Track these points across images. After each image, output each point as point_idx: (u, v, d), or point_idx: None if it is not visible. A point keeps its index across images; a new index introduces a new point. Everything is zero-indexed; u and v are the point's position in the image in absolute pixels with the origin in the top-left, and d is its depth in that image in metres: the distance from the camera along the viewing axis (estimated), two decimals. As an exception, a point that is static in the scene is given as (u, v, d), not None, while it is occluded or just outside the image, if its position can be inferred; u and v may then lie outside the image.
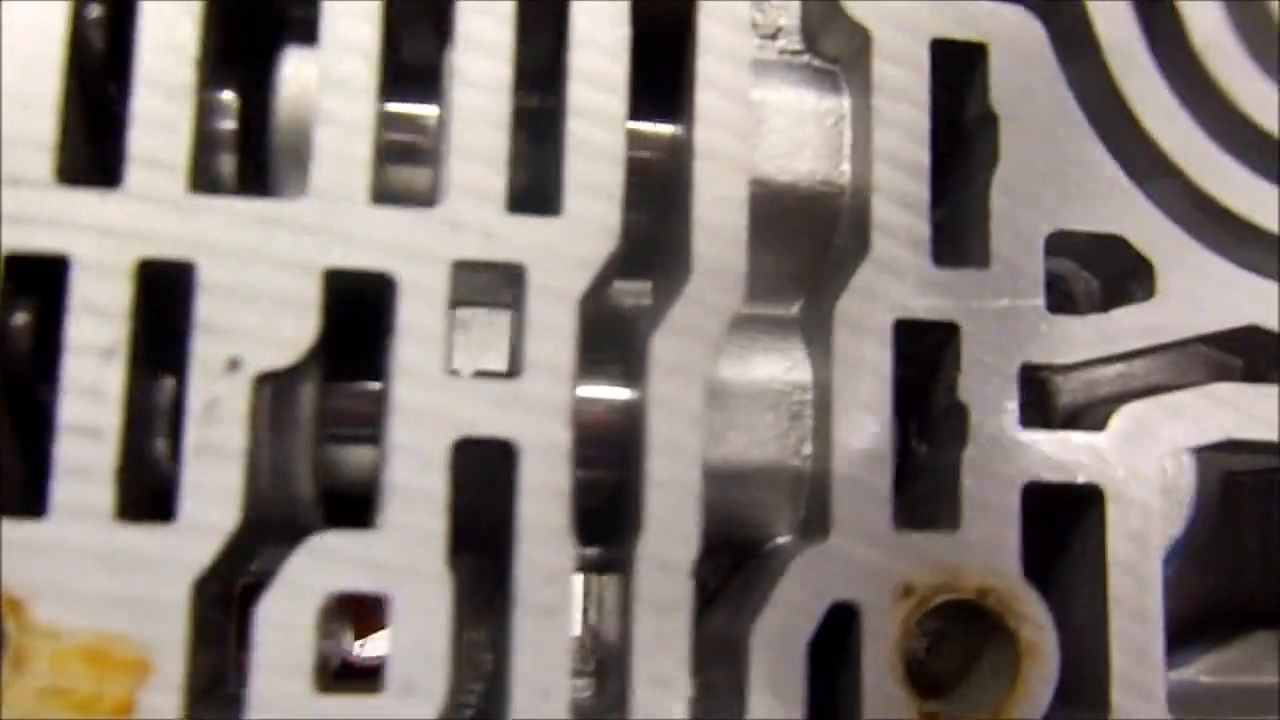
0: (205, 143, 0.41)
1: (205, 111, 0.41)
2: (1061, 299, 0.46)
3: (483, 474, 0.39)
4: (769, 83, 0.43)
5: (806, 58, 0.44)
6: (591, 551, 0.42)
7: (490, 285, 0.41)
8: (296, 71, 0.41)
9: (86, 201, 0.37)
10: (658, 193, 0.42)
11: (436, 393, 0.38)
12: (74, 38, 0.38)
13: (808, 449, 0.41)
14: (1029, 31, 0.42)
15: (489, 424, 0.38)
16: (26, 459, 0.38)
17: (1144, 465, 0.41)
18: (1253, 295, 0.43)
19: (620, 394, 0.42)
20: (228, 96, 0.42)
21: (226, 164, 0.42)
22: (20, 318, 0.38)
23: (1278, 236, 0.42)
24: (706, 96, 0.40)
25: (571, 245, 0.39)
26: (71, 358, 0.37)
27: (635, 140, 0.43)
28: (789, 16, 0.44)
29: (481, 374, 0.39)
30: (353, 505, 0.41)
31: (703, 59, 0.40)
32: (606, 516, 0.41)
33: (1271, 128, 0.43)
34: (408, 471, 0.37)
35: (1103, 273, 0.45)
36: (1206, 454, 0.57)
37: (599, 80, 0.40)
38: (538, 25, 0.40)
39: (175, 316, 0.38)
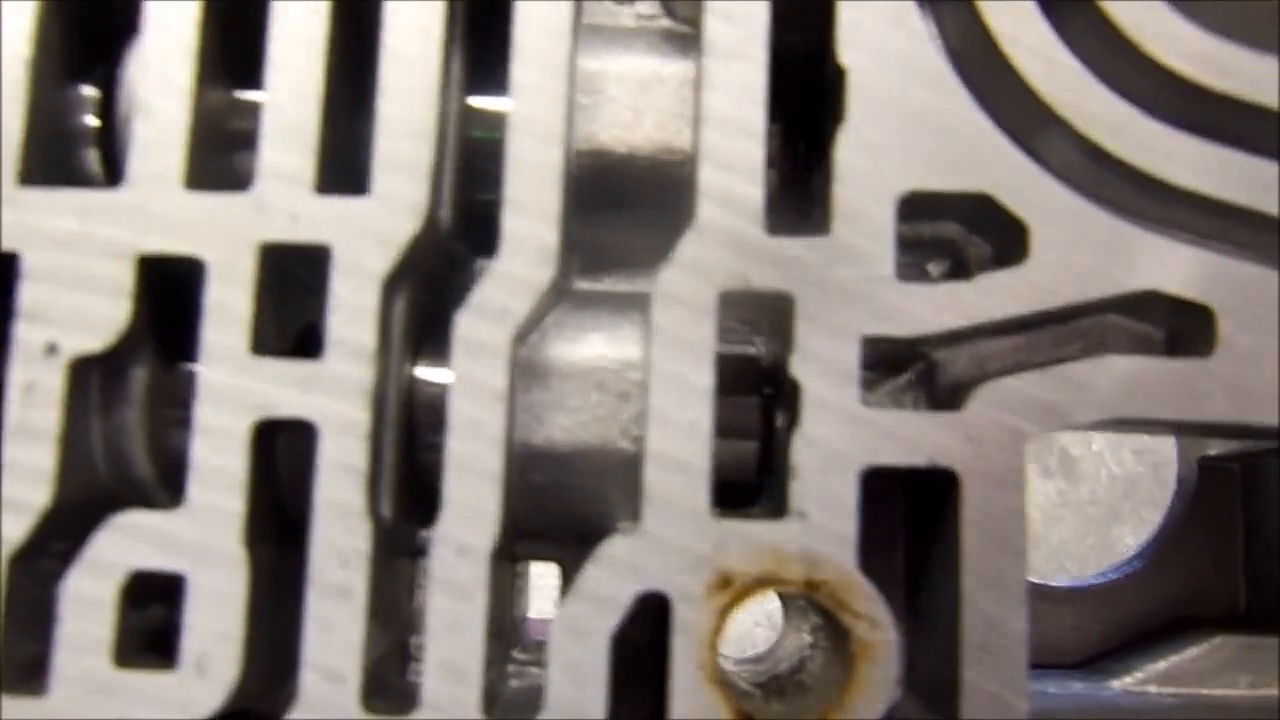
0: (67, 137, 0.42)
1: (67, 106, 0.42)
2: (953, 266, 0.41)
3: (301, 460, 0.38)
4: (611, 51, 0.40)
5: (665, 22, 0.42)
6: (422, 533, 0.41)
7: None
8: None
9: (-81, 198, 0.39)
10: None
11: (240, 374, 0.38)
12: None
13: (637, 431, 0.39)
14: (882, -17, 0.38)
15: (290, 405, 0.37)
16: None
17: (1002, 448, 0.37)
18: (1149, 256, 0.37)
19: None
20: (90, 91, 0.43)
21: (92, 159, 0.43)
22: None
23: (1190, 191, 0.37)
24: (521, 71, 0.38)
25: (376, 224, 0.38)
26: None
27: (479, 120, 0.42)
28: (649, -14, 0.42)
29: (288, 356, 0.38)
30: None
31: (518, 31, 0.38)
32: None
33: (1180, 67, 0.37)
34: (209, 452, 0.37)
35: (993, 237, 0.40)
36: (1183, 450, 0.52)
37: (409, 57, 0.38)
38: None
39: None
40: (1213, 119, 0.37)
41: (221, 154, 0.40)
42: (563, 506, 0.39)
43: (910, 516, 0.43)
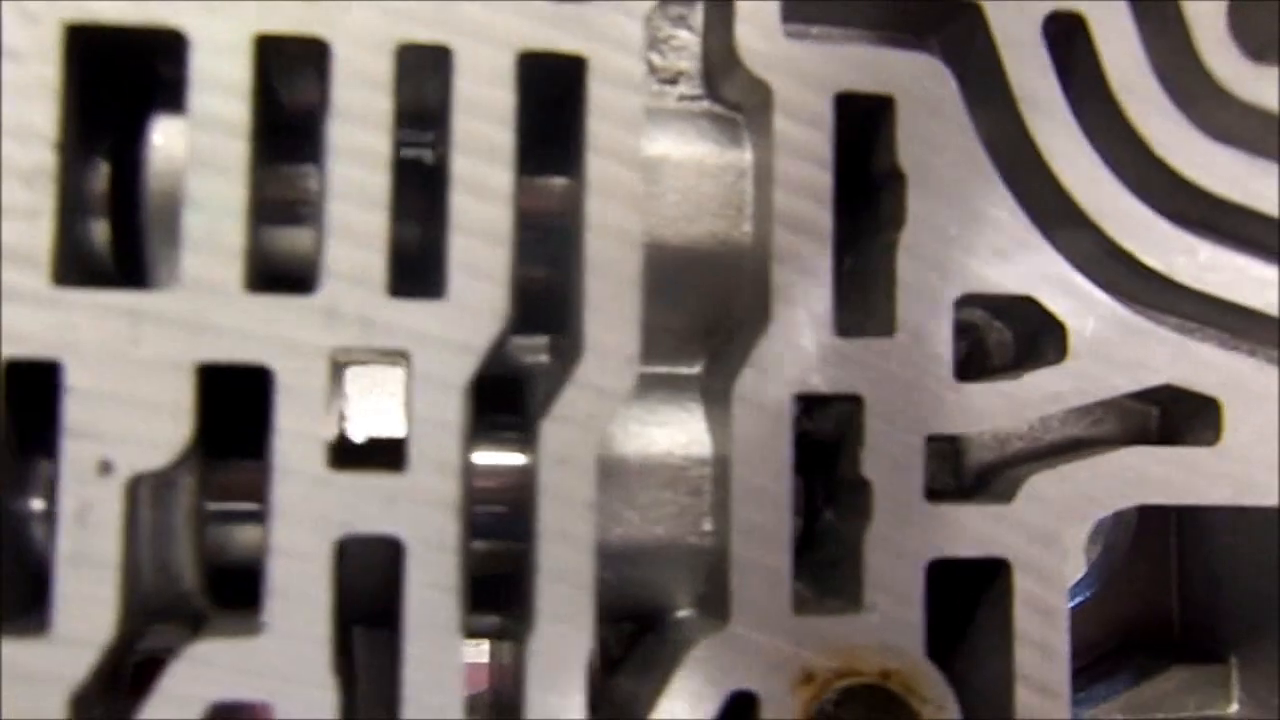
0: (73, 206, 0.38)
1: (73, 172, 0.38)
2: (973, 349, 0.43)
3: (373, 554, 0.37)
4: (666, 135, 0.40)
5: (706, 104, 0.41)
6: (493, 619, 0.41)
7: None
8: (167, 141, 0.38)
9: (-58, 300, 0.35)
10: (551, 245, 0.40)
11: (318, 490, 0.36)
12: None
13: (708, 525, 0.40)
14: (938, 82, 0.39)
15: (373, 521, 0.36)
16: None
17: (1050, 537, 0.39)
18: (1169, 352, 0.40)
19: (515, 459, 0.40)
20: (96, 157, 0.39)
21: (99, 230, 0.39)
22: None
23: (1194, 290, 0.40)
24: (598, 163, 0.37)
25: (456, 330, 0.36)
26: (-66, 467, 0.35)
27: (526, 190, 0.41)
28: (689, 60, 0.41)
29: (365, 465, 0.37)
30: (239, 581, 0.40)
31: (593, 125, 0.37)
32: (504, 582, 0.40)
33: (1187, 172, 0.40)
34: (289, 575, 0.35)
35: (1016, 325, 0.43)
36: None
37: (482, 148, 0.37)
38: (414, 84, 0.37)
39: (43, 409, 0.37)
40: (1222, 223, 0.41)
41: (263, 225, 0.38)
42: (626, 599, 0.40)
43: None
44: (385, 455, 0.38)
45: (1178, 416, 0.42)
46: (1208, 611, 0.47)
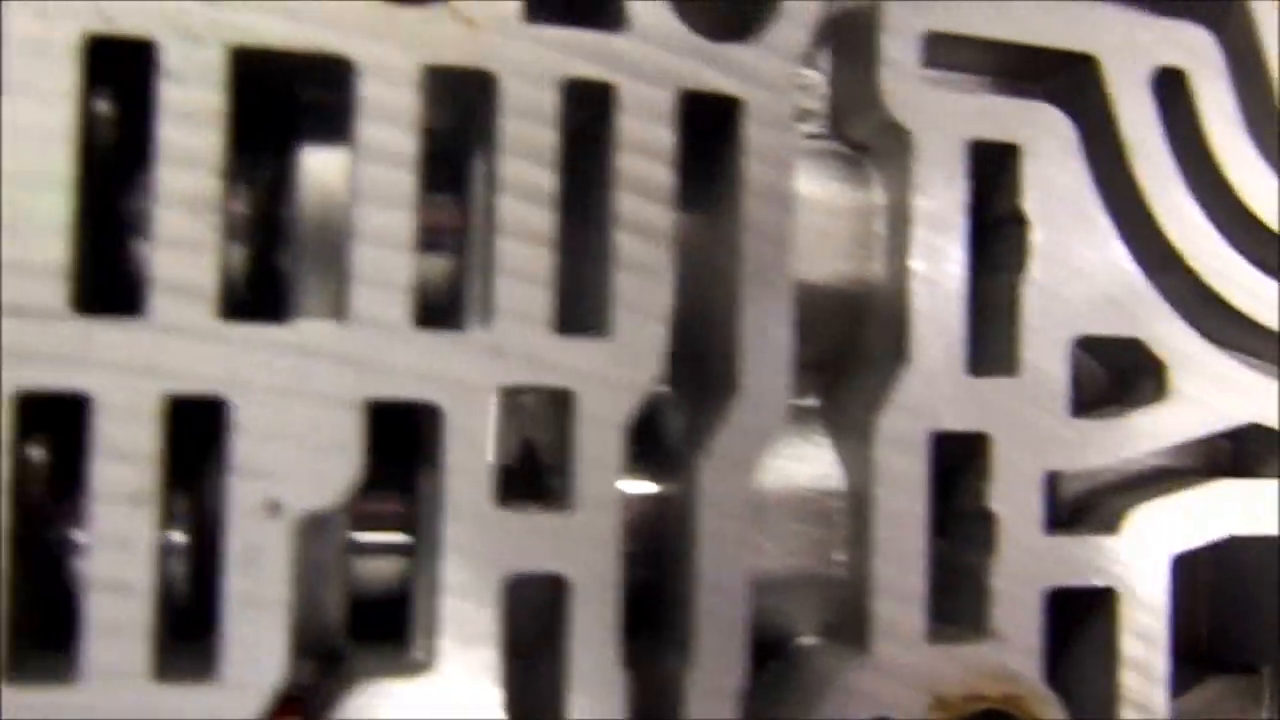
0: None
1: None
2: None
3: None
4: (799, 174, 0.40)
5: (832, 143, 0.42)
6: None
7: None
8: (320, 167, 0.37)
9: (107, 333, 0.33)
10: (684, 281, 0.40)
11: (486, 529, 0.35)
12: (82, 140, 0.33)
13: (839, 556, 0.40)
14: (1060, 131, 0.40)
15: (540, 559, 0.36)
16: (45, 610, 0.35)
17: (1154, 566, 0.41)
18: (1254, 393, 0.43)
19: (647, 487, 0.40)
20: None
21: (235, 254, 0.38)
22: (35, 459, 0.34)
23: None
24: (752, 206, 0.38)
25: (620, 369, 0.36)
26: (98, 506, 0.33)
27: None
28: (815, 99, 0.42)
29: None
30: (377, 611, 0.39)
31: (746, 165, 0.38)
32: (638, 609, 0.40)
33: (1272, 222, 0.42)
34: (459, 613, 0.35)
35: (1107, 359, 0.44)
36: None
37: (645, 187, 0.37)
38: (572, 118, 0.37)
39: (204, 447, 0.35)
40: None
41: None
42: (756, 627, 0.40)
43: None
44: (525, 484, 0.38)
45: (1250, 450, 0.45)
46: (1237, 622, 0.50)
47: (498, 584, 0.35)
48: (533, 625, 0.37)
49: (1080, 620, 0.42)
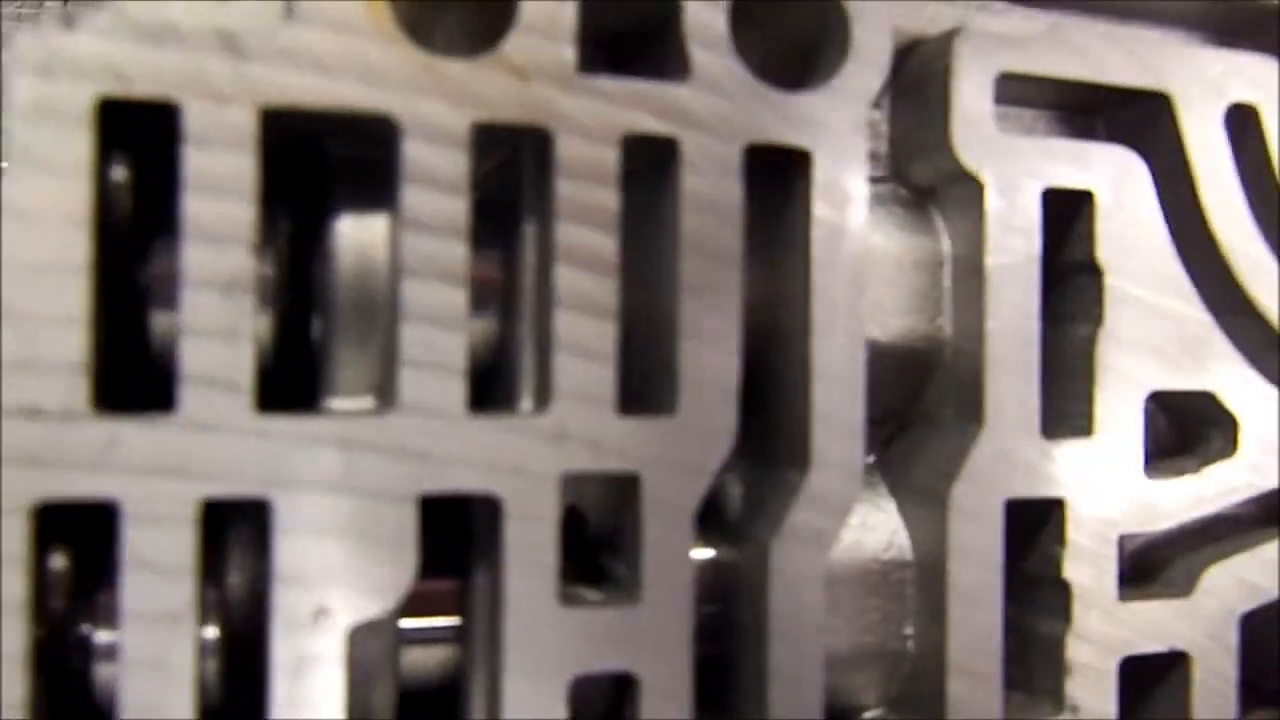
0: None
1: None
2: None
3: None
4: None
5: (892, 186, 0.39)
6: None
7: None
8: (355, 229, 0.34)
9: (133, 433, 0.29)
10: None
11: (549, 629, 0.32)
12: (98, 221, 0.30)
13: (908, 629, 0.38)
14: (1135, 175, 0.38)
15: (608, 659, 0.33)
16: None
17: (1225, 628, 0.39)
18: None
19: (704, 553, 0.37)
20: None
21: (260, 322, 0.34)
22: (56, 568, 0.30)
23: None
24: (821, 279, 0.34)
25: (687, 450, 0.33)
26: (130, 625, 0.29)
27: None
28: (876, 140, 0.39)
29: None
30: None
31: (818, 209, 0.34)
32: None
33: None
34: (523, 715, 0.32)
35: (1179, 412, 0.42)
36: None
37: (711, 250, 0.34)
38: (631, 174, 0.34)
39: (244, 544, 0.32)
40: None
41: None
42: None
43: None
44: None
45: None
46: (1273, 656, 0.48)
47: (563, 687, 0.32)
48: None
49: (1150, 684, 0.40)
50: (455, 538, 0.35)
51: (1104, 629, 0.38)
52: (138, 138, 0.31)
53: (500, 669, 0.32)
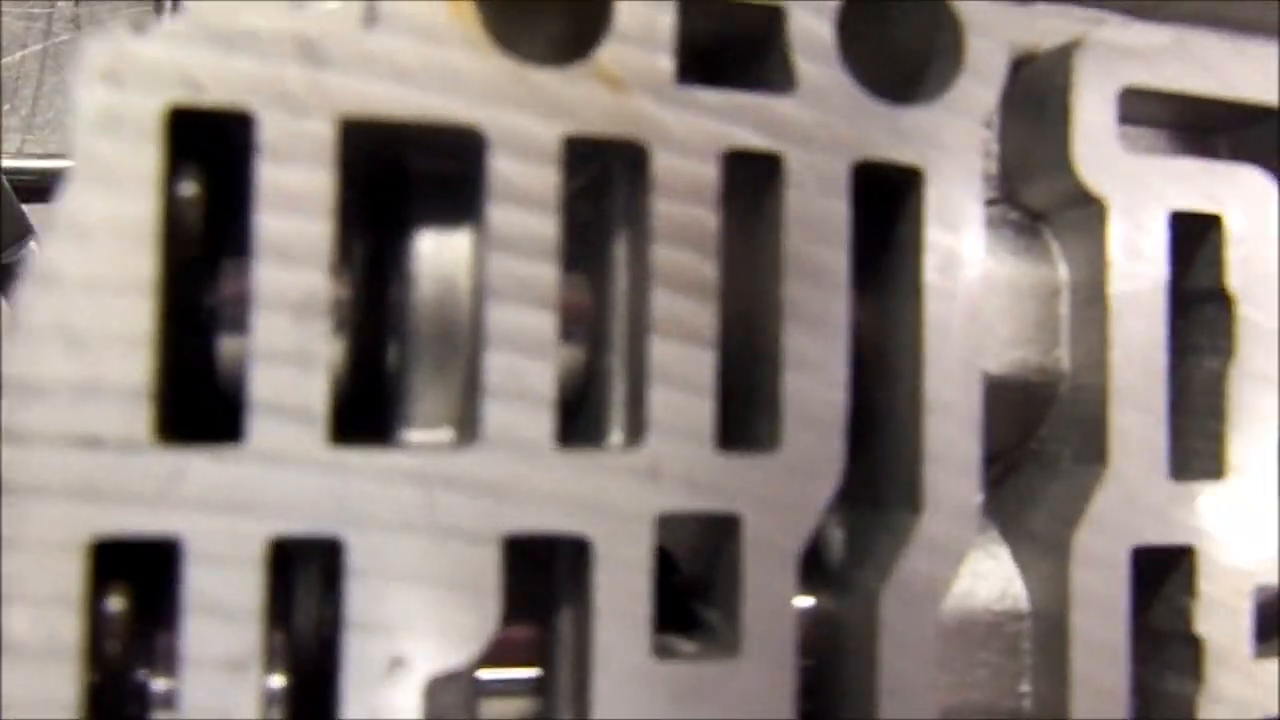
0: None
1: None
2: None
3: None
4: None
5: (1003, 208, 0.36)
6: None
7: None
8: (436, 250, 0.31)
9: (199, 467, 0.27)
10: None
11: (640, 683, 0.29)
12: (167, 236, 0.27)
13: (1025, 687, 0.34)
14: (1266, 197, 0.34)
15: (704, 717, 0.30)
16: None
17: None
18: None
19: (804, 602, 0.34)
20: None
21: (337, 348, 0.31)
22: (114, 610, 0.27)
23: None
24: (936, 283, 0.31)
25: (790, 490, 0.30)
26: (191, 672, 0.26)
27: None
28: (986, 161, 0.35)
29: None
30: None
31: (932, 233, 0.31)
32: None
33: None
34: (612, 779, 0.29)
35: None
36: None
37: (818, 270, 0.30)
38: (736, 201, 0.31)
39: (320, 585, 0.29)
40: None
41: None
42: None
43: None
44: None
45: None
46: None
47: (659, 742, 0.29)
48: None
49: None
50: (537, 580, 0.31)
51: (1240, 689, 0.34)
52: (209, 150, 0.28)
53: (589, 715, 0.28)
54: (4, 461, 0.25)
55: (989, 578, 0.34)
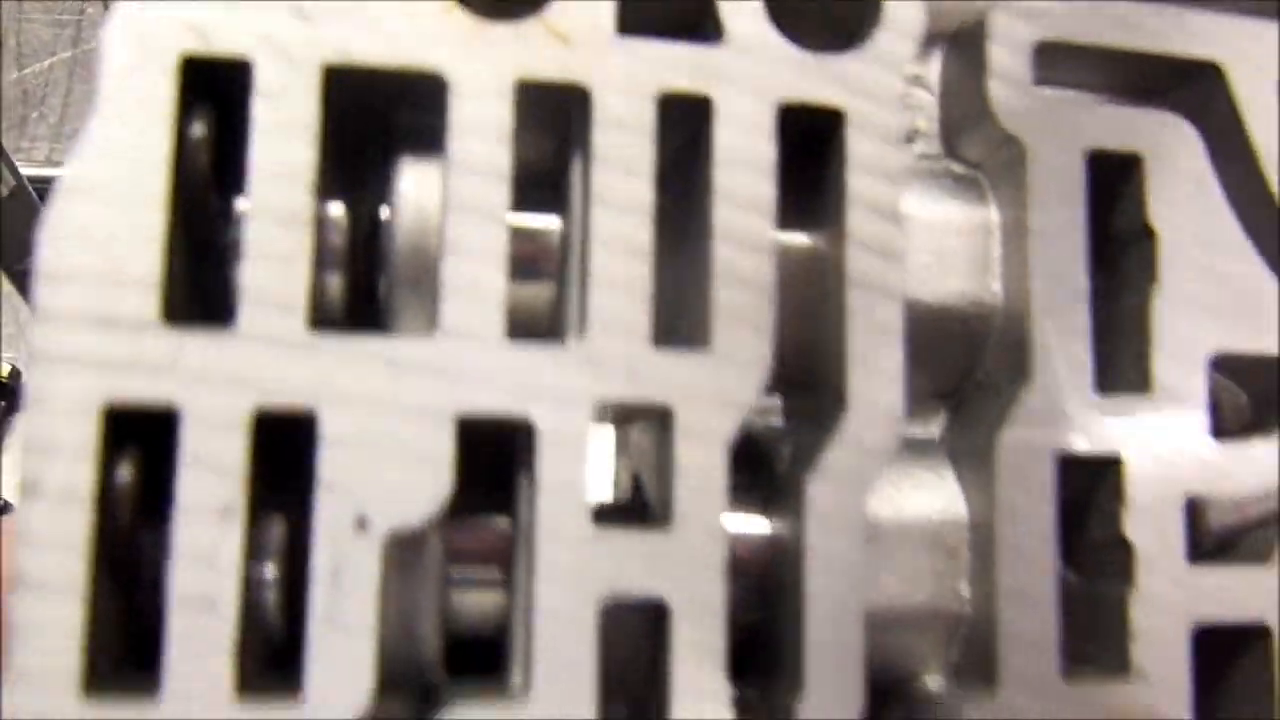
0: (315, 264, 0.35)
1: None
2: (1210, 412, 0.40)
3: (627, 624, 0.33)
4: (910, 193, 0.37)
5: (945, 163, 0.39)
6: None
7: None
8: (414, 185, 0.35)
9: (197, 345, 0.31)
10: (794, 304, 0.36)
11: (583, 550, 0.32)
12: (178, 162, 0.32)
13: (965, 590, 0.36)
14: (1184, 140, 0.36)
15: (639, 582, 0.32)
16: (134, 626, 0.32)
17: (1310, 601, 0.36)
18: None
19: (758, 524, 0.36)
20: (333, 206, 0.36)
21: (334, 284, 0.36)
22: (125, 472, 0.32)
23: None
24: (857, 217, 0.34)
25: (720, 383, 0.33)
26: (183, 519, 0.30)
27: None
28: (926, 119, 0.39)
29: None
30: (472, 648, 0.36)
31: (852, 177, 0.34)
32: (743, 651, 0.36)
33: None
34: (555, 639, 0.32)
35: (1252, 387, 0.40)
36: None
37: (745, 199, 0.34)
38: (672, 127, 0.34)
39: (290, 461, 0.33)
40: None
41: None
42: (875, 666, 0.36)
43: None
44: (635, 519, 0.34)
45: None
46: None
47: (594, 608, 0.31)
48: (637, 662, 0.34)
49: (1230, 659, 0.37)
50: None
51: (1171, 594, 0.35)
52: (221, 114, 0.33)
53: (533, 591, 0.31)
54: (36, 336, 0.30)
55: (934, 492, 0.36)
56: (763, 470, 0.36)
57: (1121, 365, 0.36)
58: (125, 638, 0.32)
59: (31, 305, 0.31)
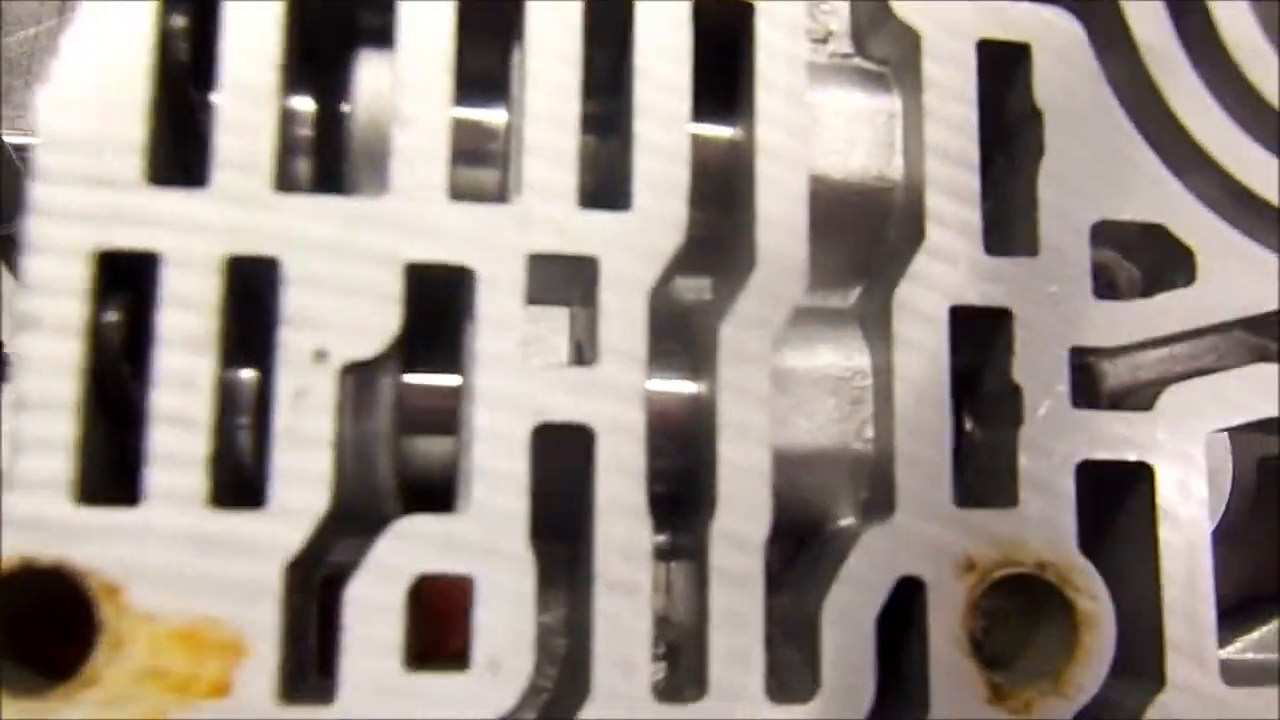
0: (283, 147, 0.39)
1: (282, 117, 0.39)
2: (1105, 288, 0.44)
3: (558, 461, 0.37)
4: (822, 85, 0.40)
5: (856, 60, 0.42)
6: (660, 538, 0.40)
7: (552, 284, 0.39)
8: (372, 76, 0.39)
9: (175, 201, 0.35)
10: (717, 193, 0.40)
11: (516, 380, 0.36)
12: (161, 46, 0.36)
13: (869, 433, 0.39)
14: (1069, 32, 0.40)
15: (566, 409, 0.36)
16: (118, 450, 0.36)
17: (1190, 442, 0.39)
18: (1286, 280, 0.41)
19: (685, 386, 0.40)
20: (303, 102, 0.40)
21: (303, 168, 0.40)
22: (112, 314, 0.36)
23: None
24: (766, 97, 0.38)
25: (641, 238, 0.37)
26: (163, 349, 0.34)
27: (694, 142, 0.41)
28: (839, 21, 0.42)
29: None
30: (428, 496, 0.40)
31: (761, 61, 0.38)
32: (673, 503, 0.39)
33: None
34: (490, 456, 0.35)
35: (1144, 262, 0.43)
36: (1242, 441, 0.56)
37: (662, 81, 0.38)
38: (603, 29, 0.38)
39: (261, 311, 0.37)
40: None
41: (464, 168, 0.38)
42: (792, 507, 0.39)
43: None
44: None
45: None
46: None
47: (527, 430, 0.35)
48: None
49: (1116, 500, 0.40)
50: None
51: (1057, 435, 0.38)
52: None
53: (472, 414, 0.35)
54: (34, 192, 0.34)
55: (843, 348, 0.40)
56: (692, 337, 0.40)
57: (1013, 232, 0.40)
58: (112, 455, 0.35)
59: (29, 174, 0.35)
